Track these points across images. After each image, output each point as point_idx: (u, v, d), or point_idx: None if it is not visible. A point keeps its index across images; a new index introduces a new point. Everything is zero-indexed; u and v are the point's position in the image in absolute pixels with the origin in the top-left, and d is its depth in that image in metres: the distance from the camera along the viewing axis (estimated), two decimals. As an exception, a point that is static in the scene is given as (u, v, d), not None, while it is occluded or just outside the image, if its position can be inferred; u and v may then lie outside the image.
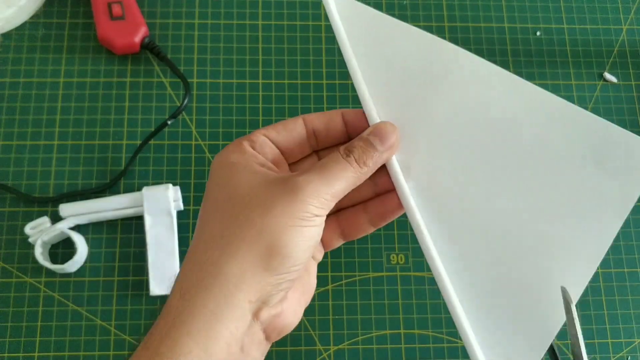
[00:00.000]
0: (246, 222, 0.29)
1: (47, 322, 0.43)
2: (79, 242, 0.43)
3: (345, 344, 0.44)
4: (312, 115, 0.33)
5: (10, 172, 0.46)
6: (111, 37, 0.47)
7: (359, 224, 0.34)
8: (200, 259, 0.29)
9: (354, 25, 0.33)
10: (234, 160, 0.31)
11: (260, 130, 0.32)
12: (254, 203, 0.29)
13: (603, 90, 0.51)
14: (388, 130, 0.31)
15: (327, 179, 0.29)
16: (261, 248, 0.28)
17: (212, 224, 0.30)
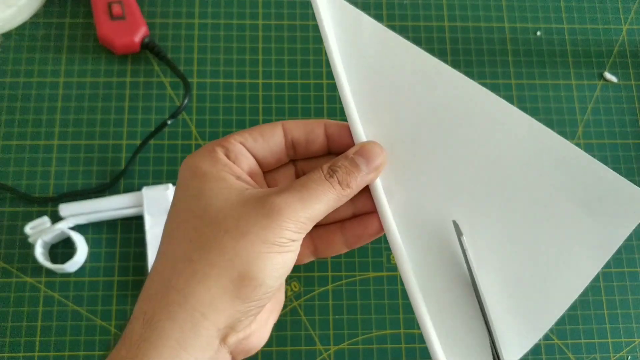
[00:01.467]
0: (217, 247, 0.27)
1: (47, 322, 0.43)
2: (79, 242, 0.43)
3: (345, 344, 0.44)
4: (291, 124, 0.31)
5: (10, 172, 0.46)
6: (111, 37, 0.47)
7: (334, 243, 0.32)
8: (166, 282, 0.27)
9: (345, 31, 0.31)
10: (206, 169, 0.29)
11: (235, 135, 0.30)
12: (227, 225, 0.27)
13: (603, 90, 0.51)
14: (375, 151, 0.30)
15: (306, 201, 0.28)
16: (232, 275, 0.27)
17: (180, 243, 0.28)
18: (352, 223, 0.32)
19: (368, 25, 0.31)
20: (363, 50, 0.31)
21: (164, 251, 0.28)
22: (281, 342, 0.43)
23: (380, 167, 0.30)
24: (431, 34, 0.52)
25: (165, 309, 0.26)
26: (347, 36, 0.31)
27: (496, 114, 0.30)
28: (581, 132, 0.50)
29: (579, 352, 0.44)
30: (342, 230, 0.32)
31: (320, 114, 0.48)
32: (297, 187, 0.28)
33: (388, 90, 0.31)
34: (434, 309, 0.28)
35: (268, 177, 0.32)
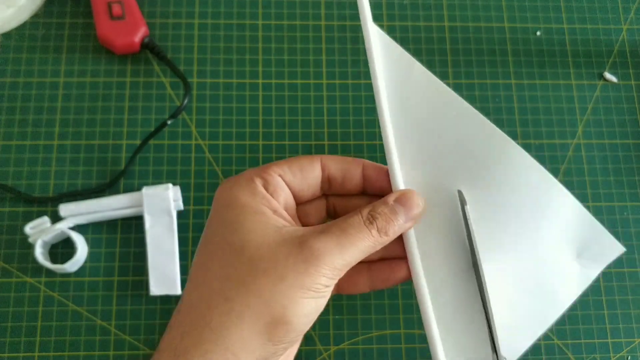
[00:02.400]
0: (254, 287, 0.27)
1: (47, 322, 0.43)
2: (79, 242, 0.43)
3: (345, 344, 0.44)
4: (330, 159, 0.31)
5: (10, 172, 0.46)
6: (111, 37, 0.47)
7: (358, 283, 0.32)
8: (200, 318, 0.27)
9: (395, 76, 0.31)
10: (245, 201, 0.28)
11: (274, 167, 0.30)
12: (264, 265, 0.27)
13: (603, 90, 0.51)
14: (415, 200, 0.30)
15: (345, 247, 0.28)
16: (266, 318, 0.27)
17: (217, 277, 0.28)
18: (380, 266, 0.32)
19: (419, 72, 0.31)
20: (411, 97, 0.31)
21: (199, 282, 0.28)
22: (281, 342, 0.43)
23: (418, 216, 0.30)
24: (431, 34, 0.52)
25: (198, 346, 0.26)
26: (396, 81, 0.31)
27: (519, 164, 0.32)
28: (581, 132, 0.50)
29: (579, 352, 0.44)
30: (369, 272, 0.32)
31: (320, 114, 0.48)
32: (335, 231, 0.28)
33: (431, 140, 0.31)
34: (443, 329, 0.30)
35: (300, 209, 0.32)
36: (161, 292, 0.43)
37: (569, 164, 0.49)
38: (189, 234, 0.45)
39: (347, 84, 0.49)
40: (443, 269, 0.30)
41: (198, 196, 0.46)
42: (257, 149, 0.47)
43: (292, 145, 0.48)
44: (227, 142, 0.47)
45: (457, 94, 0.32)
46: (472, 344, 0.30)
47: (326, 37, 0.51)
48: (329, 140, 0.48)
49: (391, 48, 0.31)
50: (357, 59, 0.50)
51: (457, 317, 0.30)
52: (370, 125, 0.49)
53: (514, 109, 0.50)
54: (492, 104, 0.50)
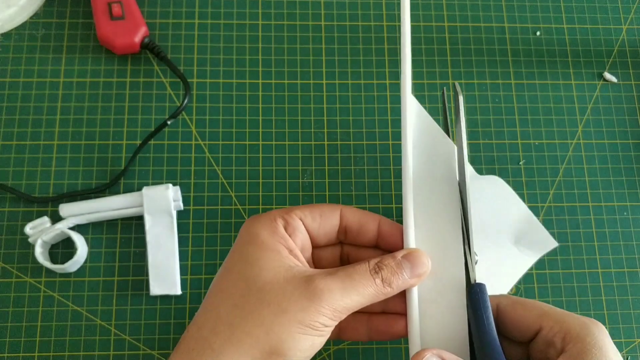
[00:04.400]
0: (257, 318, 0.29)
1: (47, 322, 0.43)
2: (79, 242, 0.43)
3: (345, 344, 0.44)
4: (350, 211, 0.33)
5: (10, 172, 0.46)
6: (111, 37, 0.47)
7: (357, 332, 0.34)
8: (204, 339, 0.29)
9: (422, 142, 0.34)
10: (264, 239, 0.31)
11: (296, 210, 0.32)
12: (270, 298, 0.29)
13: (603, 90, 0.51)
14: (422, 260, 0.31)
15: (348, 290, 0.29)
16: (264, 347, 0.28)
17: (225, 304, 0.30)
18: (379, 318, 0.34)
19: (446, 148, 0.34)
20: (434, 166, 0.34)
21: (209, 308, 0.30)
22: (281, 342, 0.43)
23: (423, 276, 0.31)
24: (431, 34, 0.52)
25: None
26: (423, 146, 0.34)
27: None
28: (581, 132, 0.50)
29: (579, 352, 0.44)
30: (369, 323, 0.34)
31: (320, 114, 0.48)
32: (341, 275, 0.30)
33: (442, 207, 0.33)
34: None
35: (315, 253, 0.34)
36: (161, 292, 0.43)
37: (569, 164, 0.49)
38: (189, 234, 0.45)
39: (347, 84, 0.49)
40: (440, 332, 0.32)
41: (198, 196, 0.46)
42: (257, 149, 0.47)
43: (292, 146, 0.48)
44: (227, 142, 0.47)
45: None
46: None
47: (326, 37, 0.51)
48: (329, 141, 0.48)
49: (425, 119, 0.34)
50: (357, 59, 0.50)
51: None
52: (370, 126, 0.49)
53: (513, 109, 0.50)
54: (492, 104, 0.50)
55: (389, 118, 0.49)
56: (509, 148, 0.49)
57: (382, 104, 0.49)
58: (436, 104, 0.50)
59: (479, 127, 0.49)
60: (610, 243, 0.47)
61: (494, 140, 0.49)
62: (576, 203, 0.48)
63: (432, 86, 0.50)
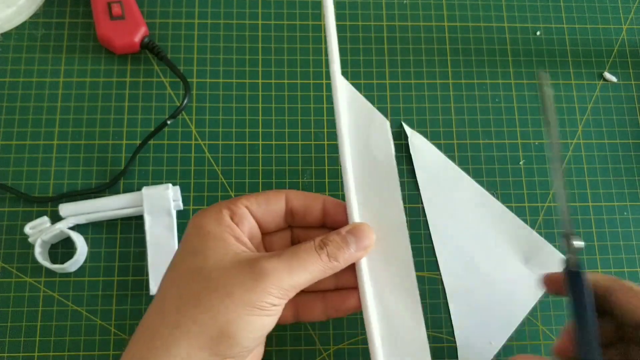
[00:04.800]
0: (203, 304, 0.29)
1: (46, 322, 0.43)
2: (79, 242, 0.43)
3: (345, 344, 0.44)
4: (294, 194, 0.34)
5: (10, 172, 0.46)
6: (111, 37, 0.47)
7: (314, 311, 0.35)
8: (154, 330, 0.29)
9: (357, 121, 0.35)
10: (210, 229, 0.31)
11: (242, 199, 0.33)
12: (216, 283, 0.29)
13: (603, 90, 0.51)
14: (366, 232, 0.32)
15: (294, 268, 0.30)
16: (212, 332, 0.28)
17: (173, 295, 0.30)
18: (333, 295, 0.34)
19: (378, 122, 0.35)
20: (370, 142, 0.35)
21: (158, 300, 0.31)
22: (281, 342, 0.43)
23: (369, 247, 0.32)
24: (431, 34, 0.52)
25: (150, 352, 0.28)
26: (358, 125, 0.35)
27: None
28: (581, 132, 0.50)
29: (578, 352, 0.44)
30: (324, 301, 0.34)
31: (320, 114, 0.48)
32: (287, 254, 0.30)
33: (382, 182, 0.34)
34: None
35: (266, 239, 0.35)
36: (161, 292, 0.43)
37: (569, 164, 0.49)
38: (188, 234, 0.45)
39: (347, 84, 0.49)
40: (391, 297, 0.33)
41: (198, 196, 0.46)
42: (257, 149, 0.47)
43: (292, 145, 0.48)
44: (227, 142, 0.47)
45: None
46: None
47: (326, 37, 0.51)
48: (329, 141, 0.48)
49: (355, 97, 0.35)
50: (357, 60, 0.50)
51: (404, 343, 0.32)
52: (370, 125, 0.49)
53: (513, 109, 0.50)
54: (492, 104, 0.50)
55: (389, 118, 0.49)
56: (509, 148, 0.49)
57: (382, 104, 0.49)
58: (436, 103, 0.50)
59: (479, 127, 0.49)
60: (610, 243, 0.47)
61: (494, 140, 0.49)
62: (576, 203, 0.48)
63: (432, 86, 0.50)
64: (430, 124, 0.49)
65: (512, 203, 0.47)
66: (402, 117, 0.49)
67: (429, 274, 0.45)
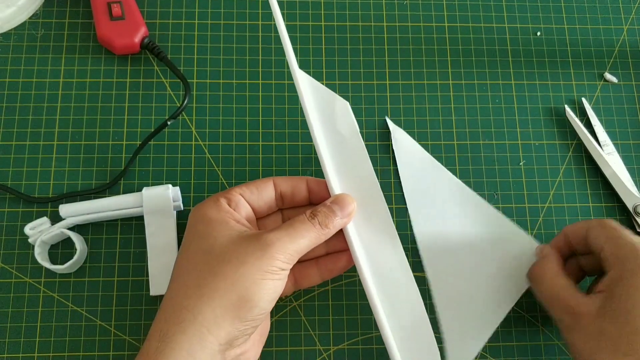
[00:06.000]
0: (221, 274, 0.33)
1: (46, 323, 0.43)
2: (79, 243, 0.43)
3: (345, 344, 0.44)
4: (280, 179, 0.39)
5: (9, 172, 0.46)
6: (111, 37, 0.47)
7: (310, 276, 0.39)
8: (178, 305, 0.33)
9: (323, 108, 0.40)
10: (212, 216, 0.35)
11: (236, 189, 0.37)
12: (229, 257, 0.33)
13: (603, 90, 0.51)
14: (347, 200, 0.37)
15: (293, 237, 0.34)
16: (232, 298, 0.32)
17: (191, 273, 0.34)
18: (325, 259, 0.40)
19: (340, 105, 0.41)
20: (336, 124, 0.40)
21: (177, 280, 0.34)
22: (281, 342, 0.43)
23: (352, 213, 0.37)
24: (431, 34, 0.52)
25: (178, 325, 0.32)
26: (323, 110, 0.40)
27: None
28: (581, 133, 0.50)
29: (578, 352, 0.44)
30: (317, 266, 0.39)
31: (320, 114, 0.48)
32: (285, 226, 0.35)
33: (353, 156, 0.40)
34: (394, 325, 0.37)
35: (260, 222, 0.39)
36: (161, 292, 0.43)
37: (569, 164, 0.49)
38: (188, 234, 0.45)
39: (347, 85, 0.49)
40: (379, 253, 0.38)
41: (198, 197, 0.46)
42: (257, 150, 0.47)
43: (292, 146, 0.48)
44: (227, 143, 0.47)
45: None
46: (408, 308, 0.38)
47: (326, 37, 0.51)
48: (329, 141, 0.48)
49: (317, 87, 0.41)
50: (357, 60, 0.50)
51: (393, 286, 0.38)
52: (370, 126, 0.49)
53: (514, 109, 0.50)
54: (492, 104, 0.50)
55: (389, 118, 0.49)
56: (509, 148, 0.49)
57: (382, 104, 0.49)
58: (436, 104, 0.50)
59: (479, 127, 0.49)
60: (611, 243, 0.47)
61: (494, 140, 0.49)
62: (577, 204, 0.48)
63: (433, 86, 0.50)
64: (431, 124, 0.49)
65: (512, 204, 0.47)
66: (402, 117, 0.49)
67: (429, 274, 0.45)
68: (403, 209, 0.47)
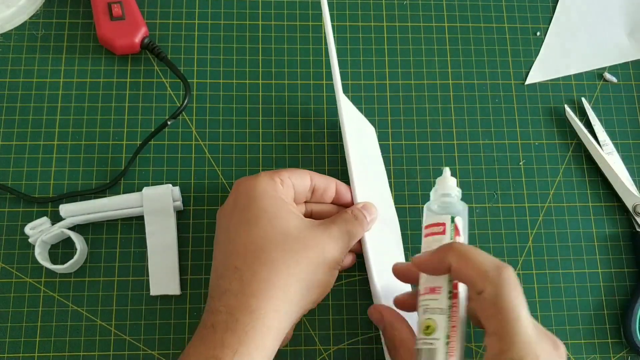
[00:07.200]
0: (307, 259, 0.35)
1: (47, 323, 0.43)
2: (79, 242, 0.43)
3: (345, 344, 0.44)
4: (315, 174, 0.41)
5: (10, 172, 0.46)
6: (111, 37, 0.47)
7: None
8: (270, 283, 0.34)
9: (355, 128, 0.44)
10: (272, 193, 0.37)
11: (283, 172, 0.39)
12: (311, 243, 0.36)
13: (603, 90, 0.51)
14: (373, 208, 0.41)
15: (350, 234, 0.38)
16: (314, 282, 0.36)
17: (275, 253, 0.35)
18: None
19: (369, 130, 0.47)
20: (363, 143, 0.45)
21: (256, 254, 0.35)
22: (281, 342, 0.43)
23: (375, 219, 0.41)
24: (431, 34, 0.52)
25: (268, 301, 0.34)
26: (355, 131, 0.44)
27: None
28: (581, 133, 0.50)
29: (579, 352, 0.44)
30: None
31: (320, 114, 0.48)
32: (342, 223, 0.38)
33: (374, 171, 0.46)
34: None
35: None
36: (161, 292, 0.43)
37: (569, 164, 0.49)
38: (189, 234, 0.45)
39: (347, 85, 0.49)
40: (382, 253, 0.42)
41: (198, 196, 0.46)
42: (257, 150, 0.47)
43: (292, 146, 0.48)
44: (227, 143, 0.47)
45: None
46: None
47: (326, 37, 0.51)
48: (329, 141, 0.48)
49: (352, 109, 0.46)
50: (357, 60, 0.50)
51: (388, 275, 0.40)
52: (370, 126, 0.49)
53: (513, 109, 0.50)
54: (492, 104, 0.50)
55: (389, 118, 0.49)
56: (508, 148, 0.49)
57: (382, 104, 0.49)
58: (436, 104, 0.50)
59: (479, 127, 0.49)
60: (611, 243, 0.47)
61: (494, 140, 0.49)
62: (576, 203, 0.48)
63: (433, 86, 0.50)
64: (431, 124, 0.49)
65: (512, 203, 0.47)
66: (402, 117, 0.49)
67: (429, 274, 0.45)
68: (403, 208, 0.47)
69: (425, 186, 0.47)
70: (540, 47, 0.52)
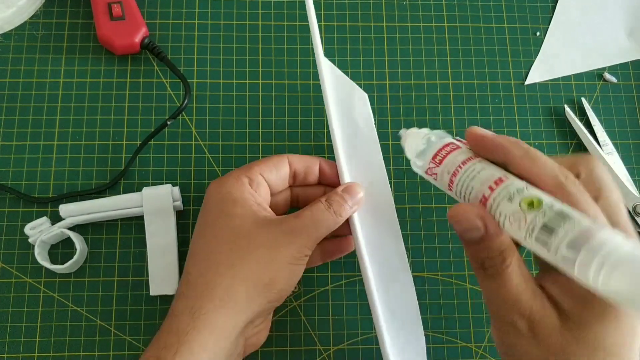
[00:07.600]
0: (253, 257, 0.34)
1: (46, 323, 0.43)
2: (79, 243, 0.43)
3: (345, 344, 0.44)
4: (295, 157, 0.39)
5: (10, 172, 0.46)
6: (111, 37, 0.47)
7: (313, 259, 0.40)
8: (212, 283, 0.34)
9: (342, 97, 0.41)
10: (237, 195, 0.36)
11: (255, 167, 0.38)
12: (260, 240, 0.35)
13: (603, 90, 0.51)
14: (357, 189, 0.38)
15: (317, 225, 0.36)
16: (264, 279, 0.34)
17: (220, 253, 0.35)
18: (329, 243, 0.41)
19: (359, 95, 0.42)
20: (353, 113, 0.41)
21: (206, 257, 0.35)
22: (281, 342, 0.43)
23: (360, 202, 0.38)
24: (431, 34, 0.52)
25: (211, 302, 0.33)
26: (342, 100, 0.40)
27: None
28: (581, 133, 0.50)
29: (579, 352, 0.44)
30: (320, 249, 0.41)
31: (320, 115, 0.48)
32: (307, 214, 0.36)
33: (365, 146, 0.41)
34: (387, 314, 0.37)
35: (271, 199, 0.40)
36: (161, 292, 0.43)
37: (569, 164, 0.49)
38: (189, 234, 0.45)
39: (347, 85, 0.49)
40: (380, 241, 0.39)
41: (198, 196, 0.46)
42: (257, 150, 0.47)
43: (292, 146, 0.48)
44: (227, 143, 0.47)
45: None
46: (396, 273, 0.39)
47: (326, 37, 0.51)
48: (329, 141, 0.48)
49: (338, 75, 0.41)
50: (357, 60, 0.50)
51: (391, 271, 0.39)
52: (370, 126, 0.49)
53: (513, 109, 0.50)
54: (492, 104, 0.50)
55: (389, 118, 0.49)
56: (509, 148, 0.49)
57: (382, 104, 0.49)
58: (436, 104, 0.50)
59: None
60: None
61: (494, 140, 0.49)
62: (576, 203, 0.48)
63: (432, 86, 0.50)
64: (430, 124, 0.49)
65: (512, 203, 0.47)
66: (402, 117, 0.49)
67: (428, 274, 0.45)
68: (403, 209, 0.47)
69: (425, 186, 0.47)
70: (540, 47, 0.52)
